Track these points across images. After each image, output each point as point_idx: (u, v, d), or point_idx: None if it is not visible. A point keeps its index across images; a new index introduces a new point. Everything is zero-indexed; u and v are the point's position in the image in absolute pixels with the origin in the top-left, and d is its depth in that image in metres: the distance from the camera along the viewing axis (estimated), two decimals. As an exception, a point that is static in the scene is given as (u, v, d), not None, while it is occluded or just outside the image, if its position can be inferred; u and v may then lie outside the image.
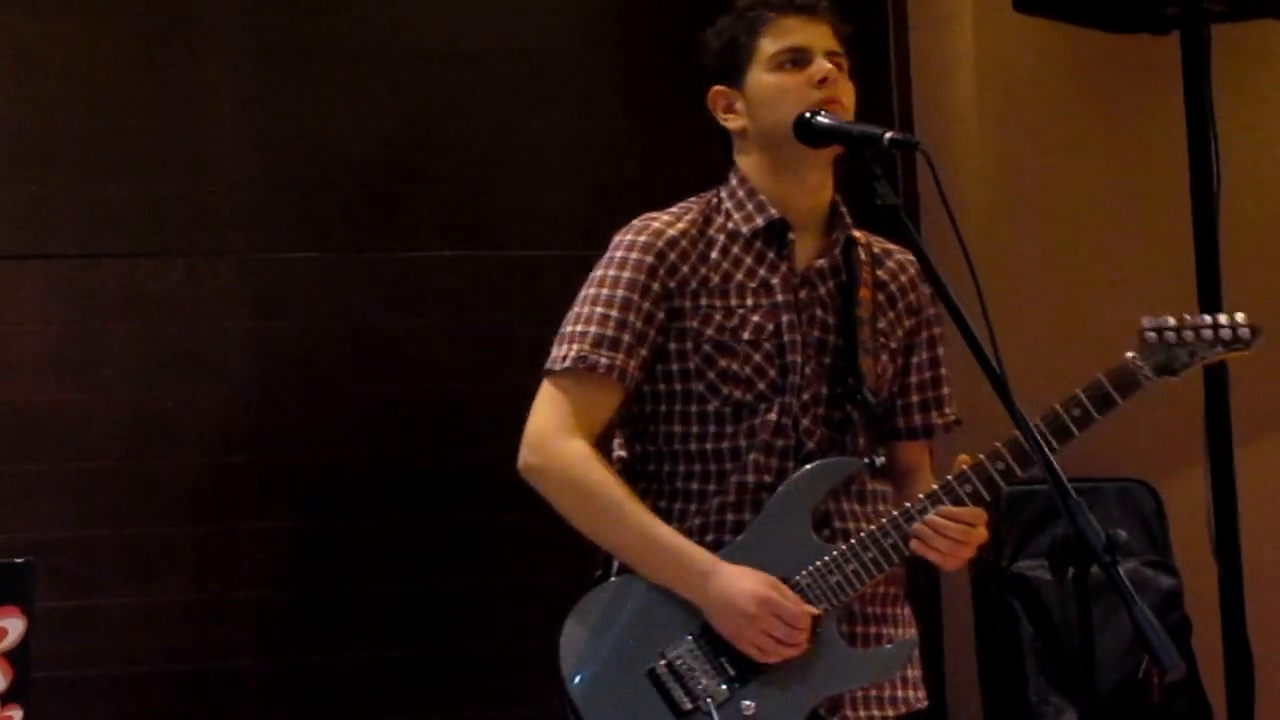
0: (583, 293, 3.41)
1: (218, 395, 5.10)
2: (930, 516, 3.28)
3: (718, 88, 3.44)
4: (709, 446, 3.36)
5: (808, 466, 3.35)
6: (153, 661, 5.02)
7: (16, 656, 4.02)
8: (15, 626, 4.02)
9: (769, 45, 3.38)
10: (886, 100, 5.54)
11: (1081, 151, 5.43)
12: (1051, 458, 2.98)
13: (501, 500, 3.78)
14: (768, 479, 3.35)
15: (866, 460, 3.41)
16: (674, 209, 3.47)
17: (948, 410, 3.58)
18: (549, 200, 5.26)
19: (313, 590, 5.09)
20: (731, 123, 3.45)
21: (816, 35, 3.38)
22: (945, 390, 3.57)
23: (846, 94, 3.40)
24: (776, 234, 3.41)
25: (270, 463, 5.06)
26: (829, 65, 3.36)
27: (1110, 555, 2.88)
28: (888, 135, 3.19)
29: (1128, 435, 5.27)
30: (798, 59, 3.36)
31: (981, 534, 3.33)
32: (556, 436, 3.34)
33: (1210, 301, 4.81)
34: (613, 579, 3.35)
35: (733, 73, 3.42)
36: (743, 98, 3.41)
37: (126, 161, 5.09)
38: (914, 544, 3.29)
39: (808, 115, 3.28)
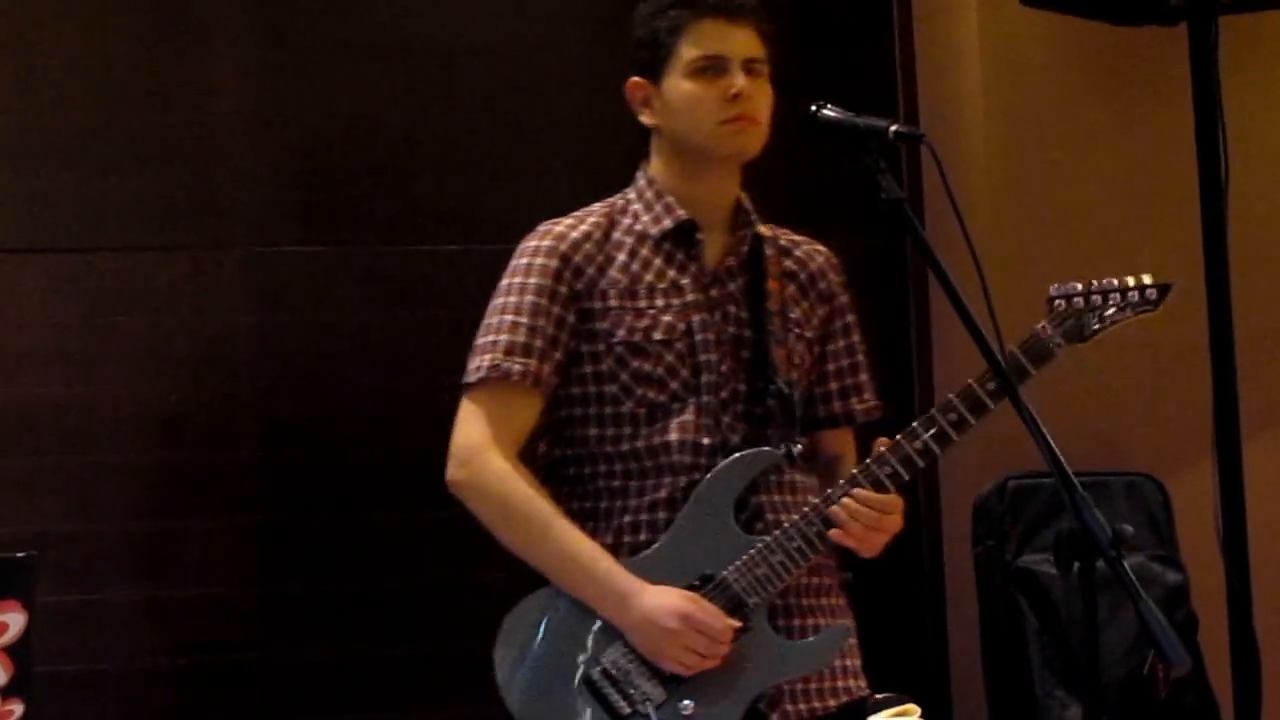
0: (491, 303, 3.42)
1: (222, 389, 5.12)
2: (846, 501, 3.29)
3: (637, 80, 3.45)
4: (626, 447, 3.37)
5: (725, 461, 3.35)
6: (156, 657, 5.04)
7: (18, 651, 4.03)
8: (16, 621, 4.03)
9: (687, 50, 3.37)
10: (891, 93, 5.55)
11: (1088, 144, 5.42)
12: (1057, 451, 2.97)
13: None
14: (696, 476, 3.35)
15: (784, 449, 3.41)
16: (576, 213, 3.50)
17: (867, 397, 3.59)
18: (554, 194, 5.24)
19: (318, 585, 5.09)
20: (647, 119, 3.47)
21: (737, 42, 3.37)
22: (863, 377, 3.59)
23: (763, 105, 3.41)
24: (685, 235, 3.43)
25: (275, 457, 5.07)
26: (742, 81, 3.37)
27: (1116, 550, 2.88)
28: (893, 128, 3.17)
29: (1135, 430, 5.28)
30: (715, 67, 3.36)
31: (897, 521, 3.35)
32: (482, 451, 3.34)
33: (1218, 292, 4.80)
34: (547, 586, 3.35)
35: (651, 69, 3.42)
36: (660, 97, 3.42)
37: (131, 155, 5.11)
38: (832, 531, 3.30)
39: (813, 108, 3.26)
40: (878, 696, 5.02)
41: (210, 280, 5.13)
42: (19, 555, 4.13)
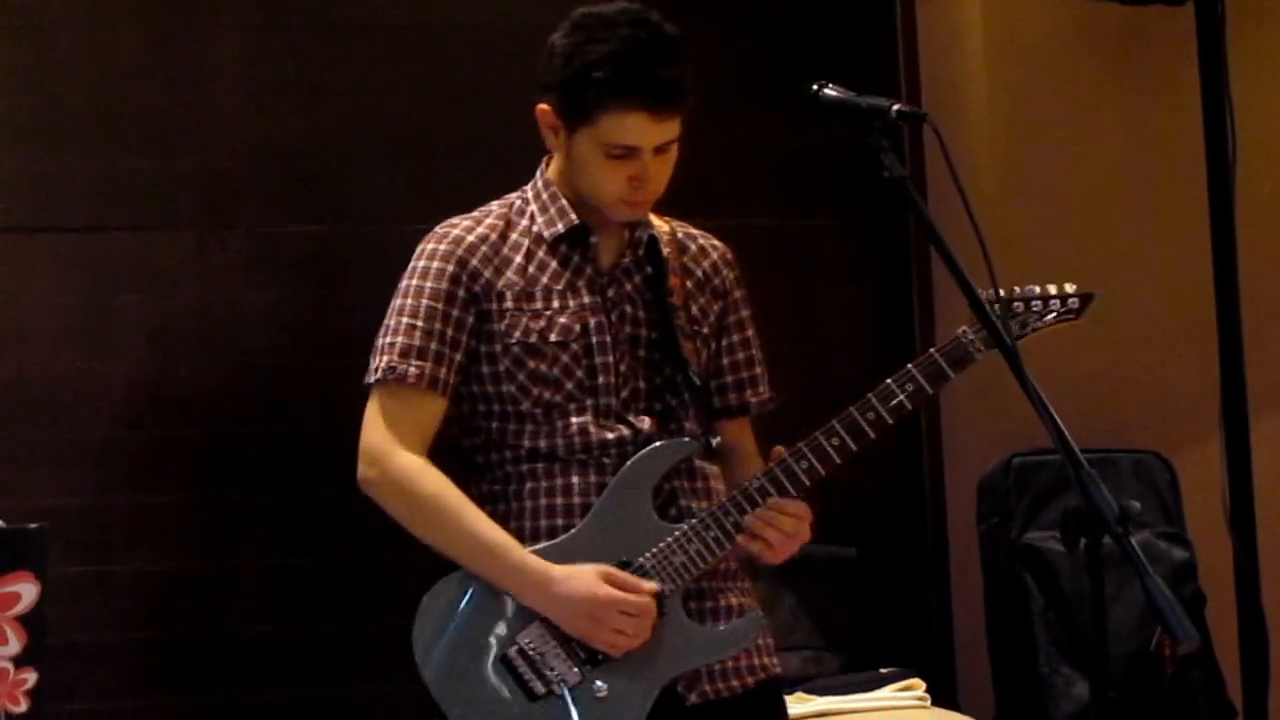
0: (391, 304, 3.44)
1: (229, 366, 5.16)
2: (762, 511, 3.31)
3: (548, 109, 3.41)
4: (528, 443, 3.39)
5: (645, 450, 3.37)
6: (166, 627, 5.09)
7: (31, 621, 4.08)
8: (29, 591, 4.08)
9: (606, 130, 3.33)
10: (893, 72, 5.55)
11: (1092, 124, 5.42)
12: (1063, 428, 2.97)
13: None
14: (606, 462, 3.37)
15: (702, 440, 3.44)
16: (475, 213, 3.50)
17: (762, 389, 3.60)
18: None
19: (328, 558, 5.13)
20: (550, 142, 3.45)
21: (655, 134, 3.34)
22: (758, 370, 3.60)
23: (663, 180, 3.40)
24: (579, 238, 3.43)
25: (282, 433, 5.11)
26: (653, 167, 3.35)
27: (1123, 527, 2.88)
28: (895, 108, 3.17)
29: (1142, 407, 5.28)
30: (627, 155, 3.34)
31: (807, 532, 3.37)
32: (390, 449, 3.37)
33: (1225, 270, 4.80)
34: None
35: (566, 115, 3.38)
36: (567, 141, 3.39)
37: (139, 134, 5.14)
38: (740, 538, 3.33)
39: (815, 88, 3.26)
40: (883, 671, 5.06)
41: (216, 259, 5.16)
42: (31, 527, 4.17)
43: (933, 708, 4.96)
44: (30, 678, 4.08)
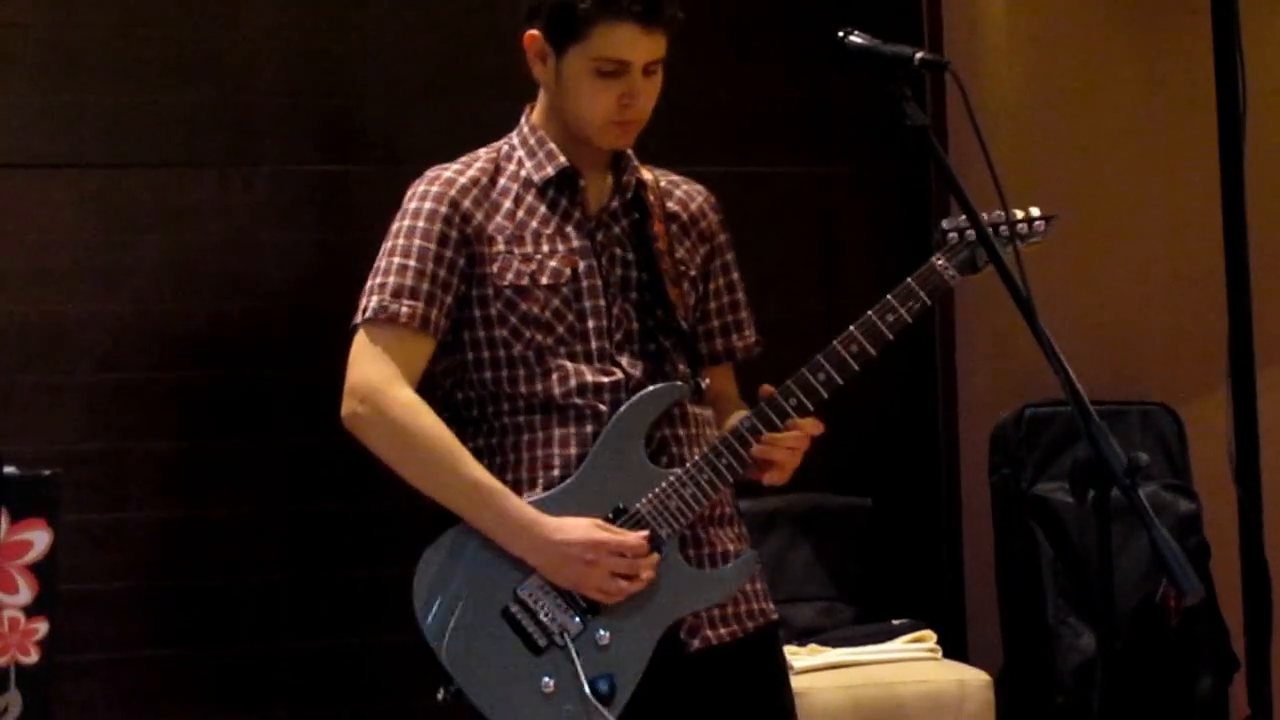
0: (382, 245, 3.43)
1: (249, 306, 5.13)
2: (766, 435, 3.33)
3: (537, 35, 3.42)
4: (523, 389, 3.38)
5: (635, 396, 3.37)
6: (182, 576, 5.07)
7: (42, 569, 4.06)
8: (41, 539, 4.05)
9: (597, 45, 3.33)
10: (917, 20, 5.54)
11: (1110, 72, 5.43)
12: (1074, 380, 2.99)
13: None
14: (601, 409, 3.37)
15: (693, 384, 3.46)
16: (463, 159, 3.50)
17: (747, 333, 3.62)
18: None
19: (347, 504, 5.11)
20: (538, 73, 3.45)
21: (644, 48, 3.34)
22: (744, 314, 3.61)
23: (650, 103, 3.40)
24: (568, 181, 3.44)
25: (303, 375, 5.01)
26: (641, 85, 3.36)
27: (1130, 478, 2.89)
28: (918, 56, 3.16)
29: (1150, 359, 5.30)
30: (618, 70, 3.34)
31: (807, 442, 3.36)
32: (385, 386, 3.33)
33: (1234, 221, 4.81)
34: (462, 523, 3.35)
35: (555, 38, 3.38)
36: (556, 65, 3.40)
37: (160, 72, 5.10)
38: (764, 473, 3.35)
39: (840, 35, 3.27)
40: (895, 622, 5.08)
41: (239, 197, 5.13)
42: (44, 474, 4.13)
43: (943, 659, 5.00)
44: (41, 627, 4.04)
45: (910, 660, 4.95)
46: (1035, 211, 3.50)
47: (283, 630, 5.10)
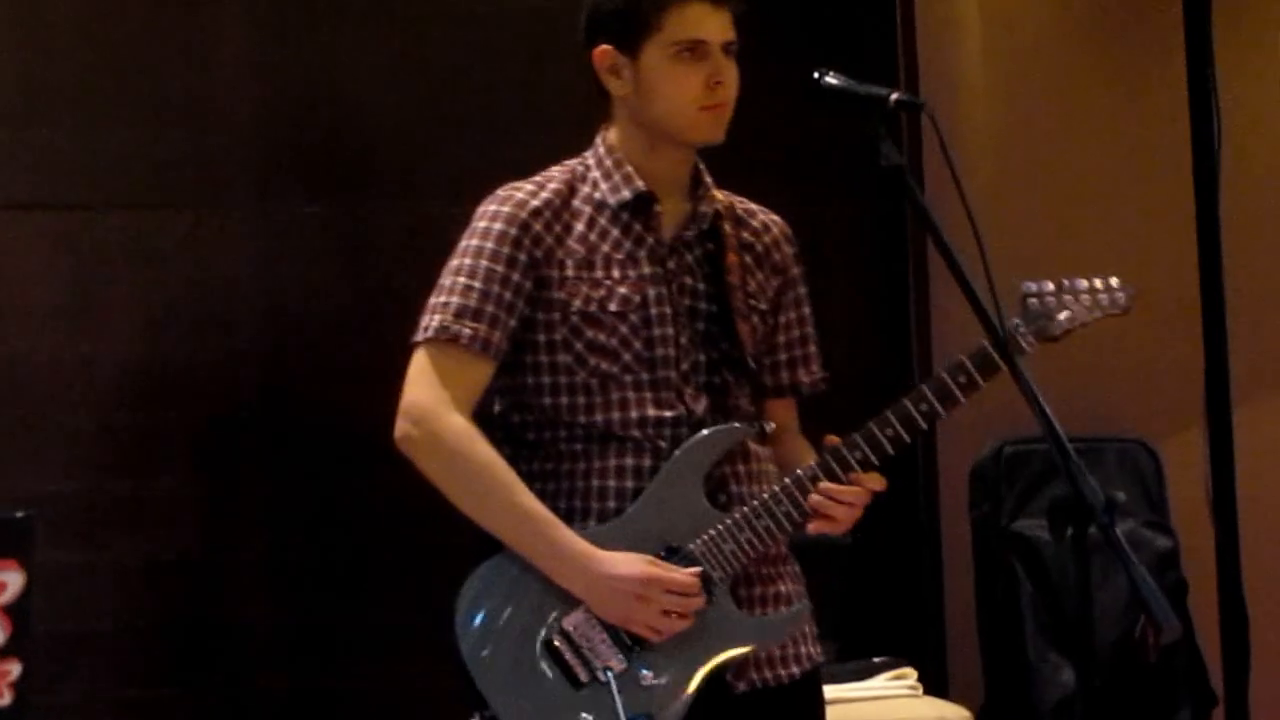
0: (448, 263, 3.40)
1: (223, 348, 5.09)
2: (826, 485, 3.30)
3: (608, 49, 3.40)
4: (583, 418, 3.35)
5: (701, 434, 3.35)
6: (157, 615, 5.03)
7: (16, 610, 4.02)
8: (15, 580, 4.02)
9: (672, 30, 3.33)
10: (892, 61, 5.52)
11: (1086, 113, 5.44)
12: (1052, 417, 3.00)
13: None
14: (661, 444, 3.34)
15: (756, 425, 3.44)
16: (537, 178, 3.47)
17: (814, 369, 3.59)
18: (559, 157, 5.26)
19: (321, 545, 5.08)
20: (615, 88, 3.42)
21: (719, 27, 3.35)
22: (812, 349, 3.59)
23: (732, 87, 3.40)
24: (643, 206, 3.41)
25: (275, 416, 5.05)
26: (725, 66, 3.36)
27: (1109, 516, 2.90)
28: (894, 96, 3.18)
29: (1128, 396, 5.31)
30: (697, 50, 3.34)
31: (867, 496, 3.35)
32: (440, 410, 3.31)
33: (1210, 259, 4.83)
34: (506, 551, 3.33)
35: (625, 41, 3.37)
36: (633, 70, 3.38)
37: (133, 112, 5.07)
38: (814, 522, 3.32)
39: (816, 76, 3.28)
40: (876, 659, 5.08)
41: (211, 238, 5.09)
42: (19, 515, 4.10)
43: (924, 696, 4.99)
44: (14, 669, 4.01)
45: (891, 697, 4.94)
46: (1115, 282, 3.49)
47: (259, 670, 5.06)
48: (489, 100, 5.27)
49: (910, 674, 5.01)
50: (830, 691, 4.89)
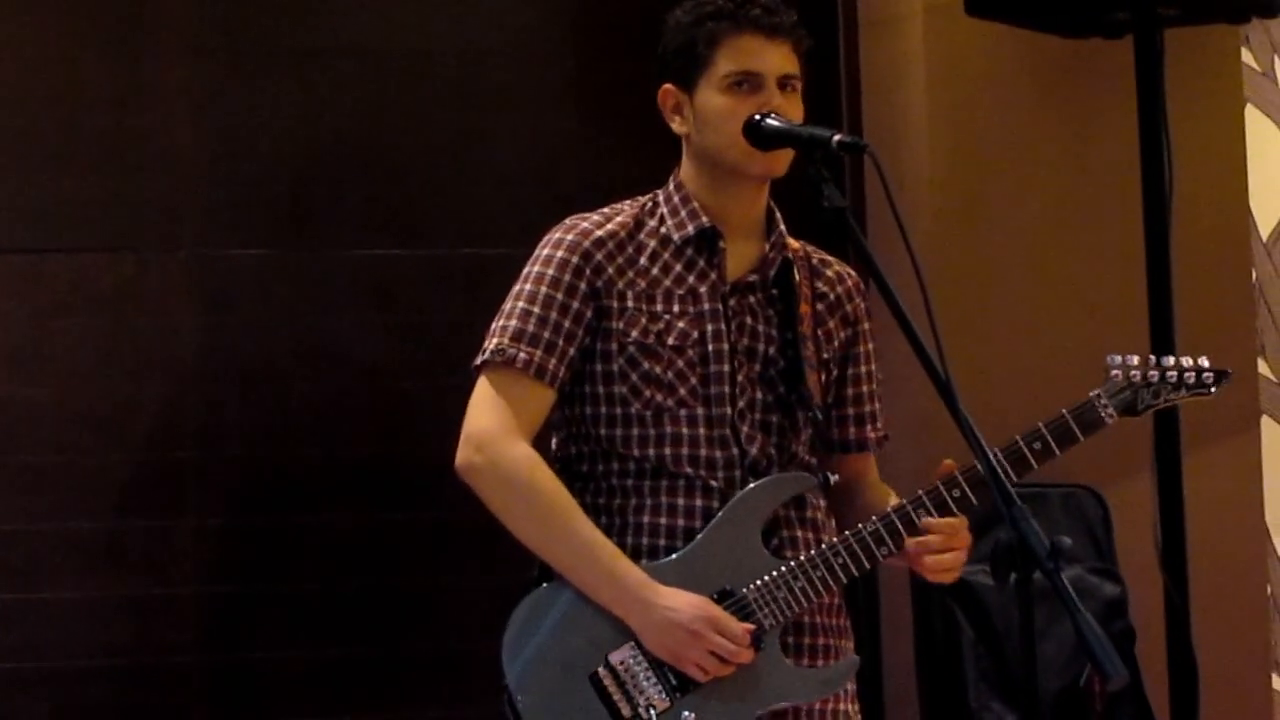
0: (511, 290, 3.42)
1: (166, 391, 5.08)
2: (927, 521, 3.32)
3: (669, 87, 3.44)
4: (636, 451, 3.37)
5: (765, 480, 3.36)
6: (93, 656, 5.00)
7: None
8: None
9: (724, 64, 3.35)
10: (835, 103, 5.55)
11: (1033, 156, 5.45)
12: (995, 461, 3.01)
13: (448, 500, 3.78)
14: (714, 484, 3.35)
15: (821, 477, 3.44)
16: (605, 210, 3.48)
17: (880, 425, 3.61)
18: (501, 199, 5.27)
19: (255, 587, 5.07)
20: (677, 127, 3.45)
21: (774, 59, 3.36)
22: (878, 405, 3.61)
23: (789, 119, 3.38)
24: (708, 242, 3.42)
25: (217, 459, 5.05)
26: (778, 98, 3.35)
27: (1054, 562, 2.90)
28: (836, 138, 3.22)
29: (1074, 442, 5.29)
30: (750, 83, 3.35)
31: (961, 544, 3.37)
32: (502, 437, 3.33)
33: (1160, 306, 4.83)
34: (554, 581, 3.34)
35: (685, 78, 3.40)
36: (691, 106, 3.40)
37: (78, 156, 5.07)
38: (917, 558, 3.32)
39: (757, 118, 3.28)
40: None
41: (156, 282, 5.09)
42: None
43: (862, 743, 4.97)
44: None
45: (829, 745, 4.91)
46: (1204, 362, 3.49)
47: (195, 713, 5.05)
48: (432, 142, 5.28)
49: (848, 720, 4.99)
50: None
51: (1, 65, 5.03)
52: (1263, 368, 5.39)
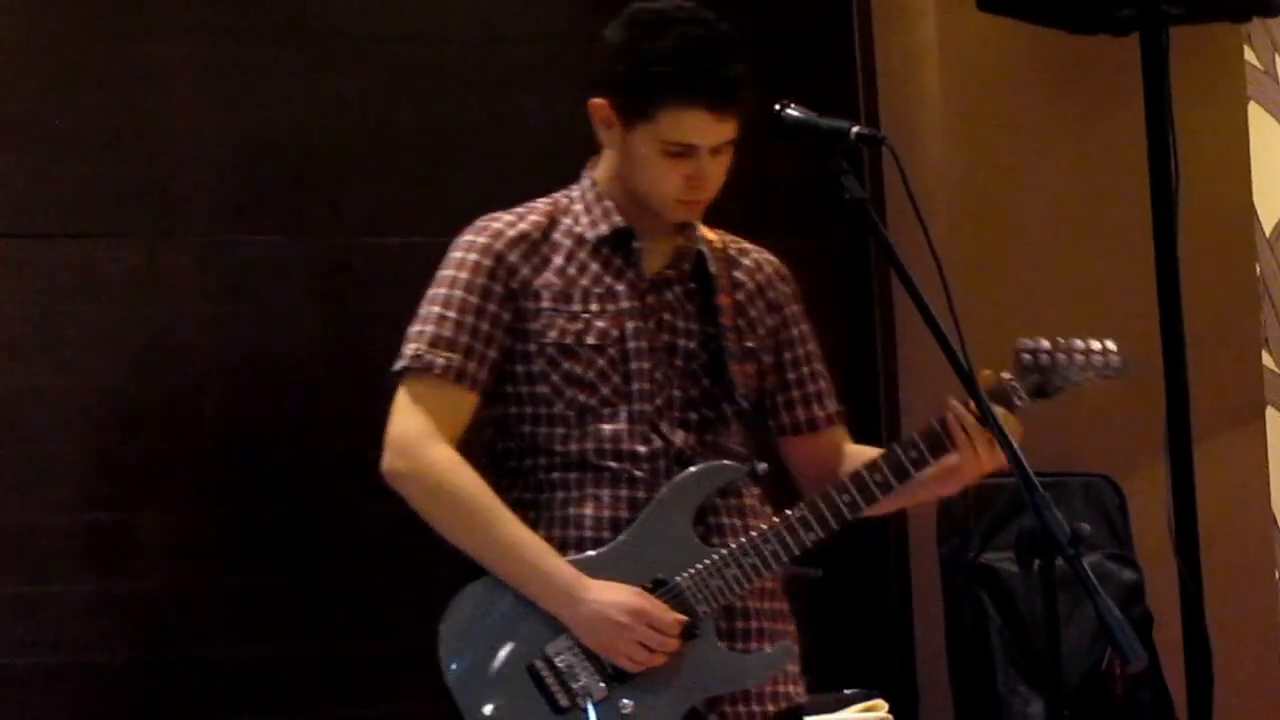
0: (425, 294, 3.43)
1: (175, 379, 5.06)
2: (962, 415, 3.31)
3: (602, 104, 3.41)
4: (559, 447, 3.38)
5: (694, 469, 3.38)
6: (108, 650, 4.98)
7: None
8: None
9: (665, 128, 3.32)
10: (853, 96, 5.58)
11: (1044, 149, 5.48)
12: (1019, 452, 3.03)
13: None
14: (639, 475, 3.36)
15: (750, 466, 3.45)
16: (518, 209, 3.49)
17: (828, 403, 3.60)
18: (515, 186, 5.24)
19: (273, 578, 5.05)
20: (604, 139, 3.45)
21: (715, 133, 3.33)
22: (824, 384, 3.60)
23: (719, 180, 3.39)
24: (623, 241, 3.43)
25: (228, 448, 5.02)
26: (709, 164, 3.35)
27: (1075, 548, 2.94)
28: (854, 130, 3.23)
29: (1092, 432, 5.33)
30: (685, 153, 3.33)
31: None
32: (424, 441, 3.34)
33: (1169, 296, 4.86)
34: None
35: (622, 110, 3.37)
36: (623, 136, 3.38)
37: (86, 140, 5.03)
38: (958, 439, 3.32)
39: (778, 108, 3.30)
40: (846, 692, 5.09)
41: (164, 269, 5.06)
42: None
43: (894, 728, 5.01)
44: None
45: (862, 729, 4.97)
46: (1112, 345, 3.51)
47: (211, 706, 5.03)
48: (445, 128, 5.27)
49: (881, 706, 5.02)
50: (802, 724, 4.94)
51: (8, 49, 4.99)
52: (1267, 360, 5.44)
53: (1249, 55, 5.46)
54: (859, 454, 3.52)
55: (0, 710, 4.83)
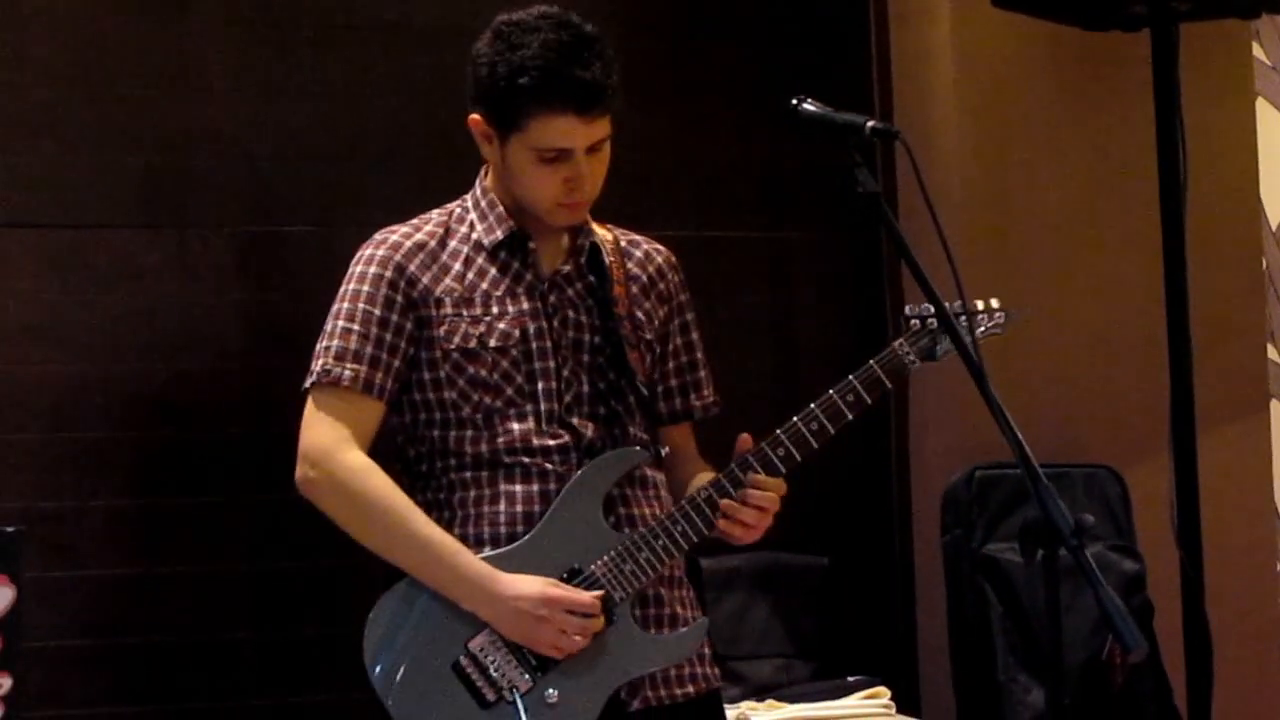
0: (330, 309, 3.48)
1: (210, 368, 5.09)
2: (738, 493, 3.38)
3: (479, 119, 3.45)
4: (469, 449, 3.42)
5: (598, 458, 3.43)
6: (145, 633, 5.02)
7: (6, 625, 4.08)
8: (4, 595, 4.08)
9: (536, 136, 3.36)
10: (867, 91, 5.60)
11: (1056, 144, 5.50)
12: (1023, 442, 3.05)
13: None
14: (550, 468, 3.41)
15: (652, 450, 3.52)
16: (414, 221, 3.55)
17: (706, 393, 3.66)
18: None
19: (310, 562, 5.05)
20: (485, 153, 3.50)
21: (585, 135, 3.37)
22: (702, 374, 3.66)
23: (599, 179, 3.44)
24: (518, 244, 3.48)
25: (263, 435, 5.00)
26: (585, 165, 3.39)
27: (1077, 539, 2.96)
28: (869, 124, 3.24)
29: (1095, 423, 5.37)
30: (562, 156, 3.38)
31: (777, 504, 3.42)
32: (335, 449, 3.39)
33: (1175, 289, 4.89)
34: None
35: (496, 123, 3.41)
36: (500, 149, 3.43)
37: (121, 131, 5.07)
38: (721, 522, 3.40)
39: (794, 103, 3.32)
40: (850, 678, 5.13)
41: (198, 258, 5.09)
42: (7, 530, 4.17)
43: (897, 715, 5.04)
44: (5, 683, 4.08)
45: (865, 716, 4.99)
46: (995, 303, 3.56)
47: (243, 688, 5.07)
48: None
49: (884, 693, 5.06)
50: (806, 710, 4.98)
51: (40, 41, 5.02)
52: (1272, 353, 5.48)
53: (1257, 51, 5.50)
54: (695, 461, 3.62)
55: (46, 687, 4.83)
